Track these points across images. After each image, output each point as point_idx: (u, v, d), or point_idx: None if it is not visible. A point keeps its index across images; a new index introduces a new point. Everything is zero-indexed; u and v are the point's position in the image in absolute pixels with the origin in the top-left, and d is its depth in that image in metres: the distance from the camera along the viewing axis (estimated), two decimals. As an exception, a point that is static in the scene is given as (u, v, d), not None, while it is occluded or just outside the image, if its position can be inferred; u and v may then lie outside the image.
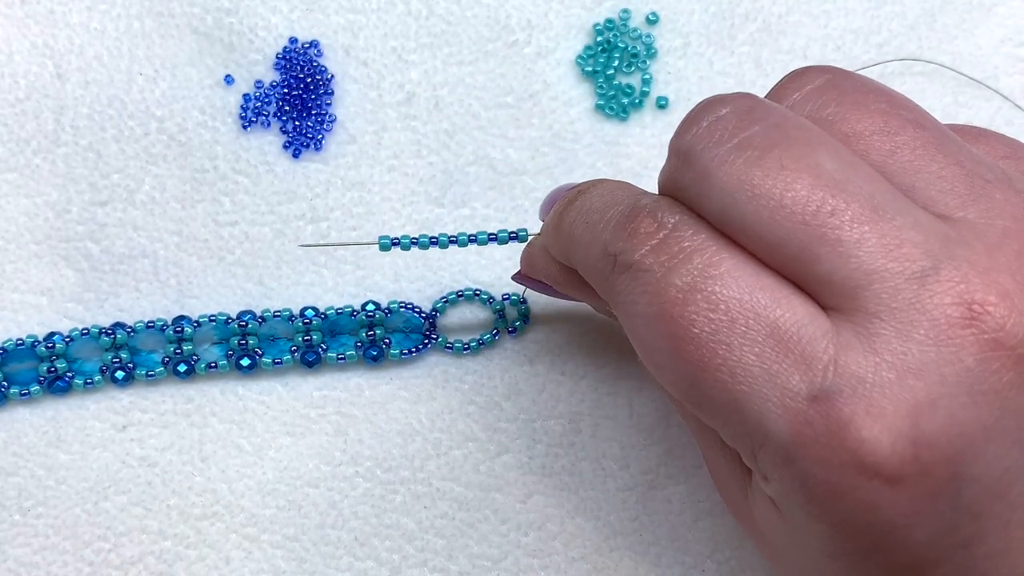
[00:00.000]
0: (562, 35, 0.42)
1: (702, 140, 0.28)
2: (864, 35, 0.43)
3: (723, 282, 0.27)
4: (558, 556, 0.38)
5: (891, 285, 0.26)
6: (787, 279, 0.27)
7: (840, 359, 0.26)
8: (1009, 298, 0.25)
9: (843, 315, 0.26)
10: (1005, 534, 0.26)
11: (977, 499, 0.26)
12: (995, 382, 0.25)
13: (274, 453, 0.39)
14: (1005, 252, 0.26)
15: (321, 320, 0.39)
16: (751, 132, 0.27)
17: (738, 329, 0.26)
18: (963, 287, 0.26)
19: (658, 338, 0.27)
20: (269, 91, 0.41)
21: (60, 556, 0.38)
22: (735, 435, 0.27)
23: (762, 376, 0.26)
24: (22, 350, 0.39)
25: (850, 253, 0.26)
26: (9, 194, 0.40)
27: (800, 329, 0.26)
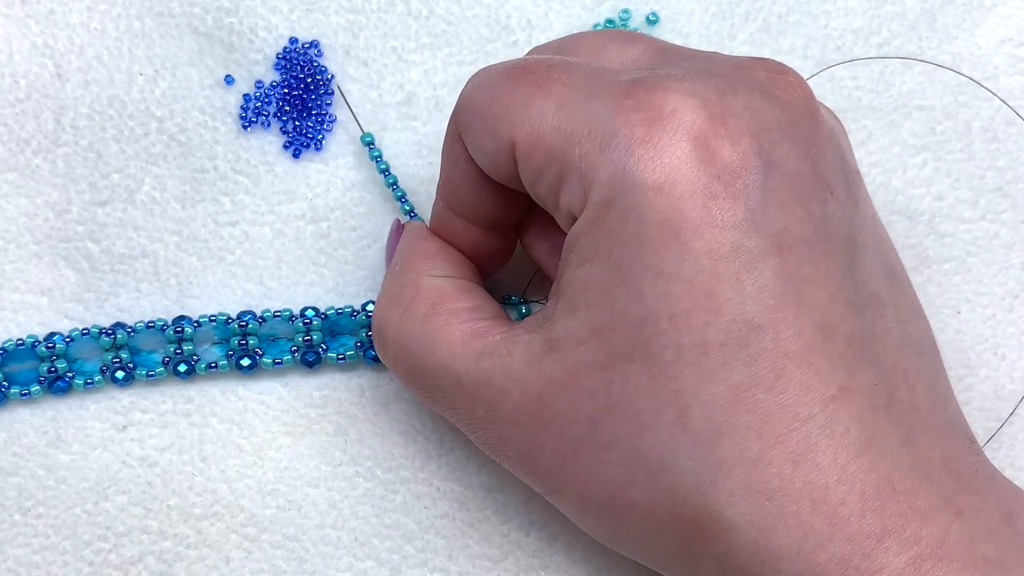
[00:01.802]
0: (562, 35, 0.42)
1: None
2: (864, 35, 0.43)
3: (562, 55, 0.34)
4: (559, 556, 0.38)
5: (680, 52, 0.34)
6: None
7: (652, 70, 0.31)
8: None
9: (655, 66, 0.32)
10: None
11: (778, 187, 0.29)
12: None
13: (274, 453, 0.39)
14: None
15: (321, 320, 0.39)
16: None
17: (574, 64, 0.32)
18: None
19: (498, 85, 0.32)
20: (269, 91, 0.41)
21: (60, 556, 0.38)
22: (558, 147, 0.30)
23: (591, 80, 0.31)
24: (22, 350, 0.39)
25: (645, 46, 0.34)
26: (9, 194, 0.40)
27: (620, 67, 0.33)
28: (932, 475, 0.29)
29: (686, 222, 0.28)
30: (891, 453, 0.29)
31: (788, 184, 0.30)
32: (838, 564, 0.28)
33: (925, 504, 0.28)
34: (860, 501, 0.28)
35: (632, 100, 0.30)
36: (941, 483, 0.29)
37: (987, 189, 0.41)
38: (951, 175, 0.42)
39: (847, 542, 0.28)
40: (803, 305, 0.29)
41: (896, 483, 0.28)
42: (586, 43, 0.35)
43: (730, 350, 0.28)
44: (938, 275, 0.41)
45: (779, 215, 0.29)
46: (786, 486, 0.28)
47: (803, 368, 0.28)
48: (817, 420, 0.28)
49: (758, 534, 0.28)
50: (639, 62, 0.34)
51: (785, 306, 0.29)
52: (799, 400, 0.28)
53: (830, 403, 0.28)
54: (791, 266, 0.29)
